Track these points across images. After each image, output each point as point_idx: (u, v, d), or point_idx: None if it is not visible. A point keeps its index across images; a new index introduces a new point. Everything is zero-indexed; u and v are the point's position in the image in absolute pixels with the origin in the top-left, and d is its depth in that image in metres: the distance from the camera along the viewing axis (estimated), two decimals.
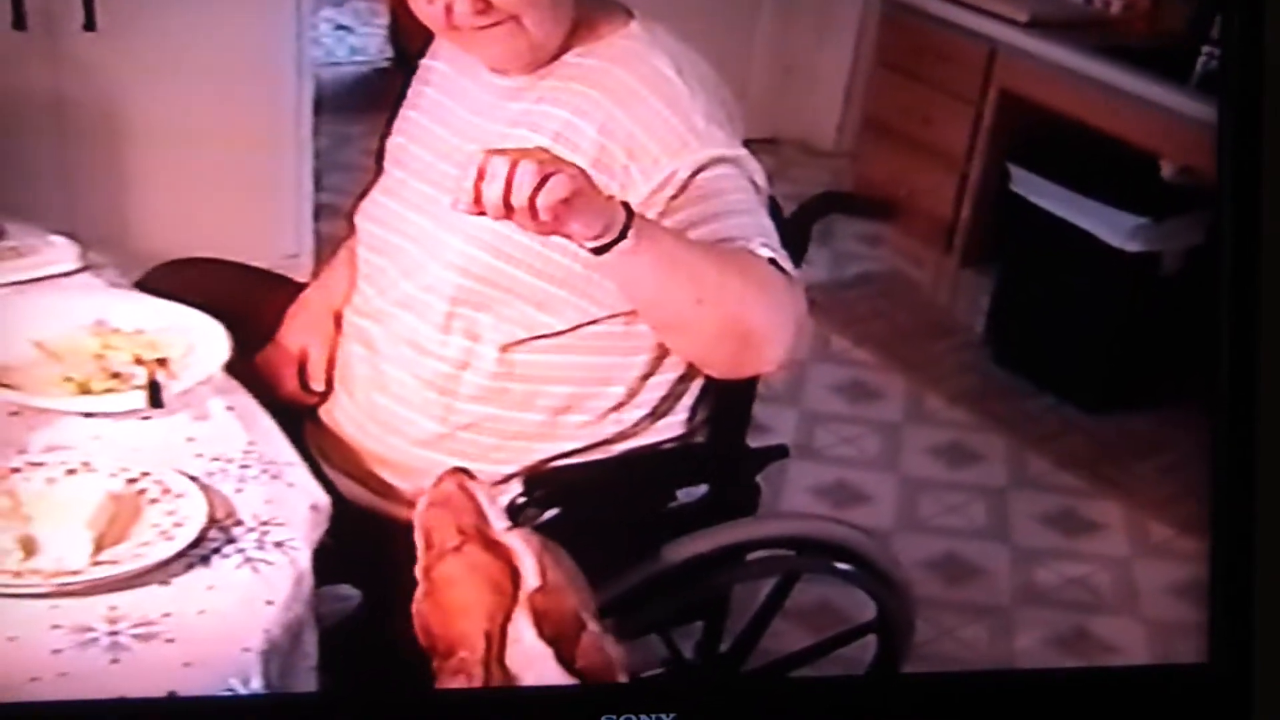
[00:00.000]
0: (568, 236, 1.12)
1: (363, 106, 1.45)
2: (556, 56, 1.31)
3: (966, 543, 2.04)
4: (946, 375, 2.40)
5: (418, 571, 1.09)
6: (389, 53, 2.93)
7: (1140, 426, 2.27)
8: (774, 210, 1.41)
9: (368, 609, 1.34)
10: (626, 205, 1.14)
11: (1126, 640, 1.89)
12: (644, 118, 1.28)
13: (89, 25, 1.95)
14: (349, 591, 1.34)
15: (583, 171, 1.10)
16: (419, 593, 1.08)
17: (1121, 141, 2.29)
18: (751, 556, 1.47)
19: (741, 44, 2.91)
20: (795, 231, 1.43)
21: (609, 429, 1.37)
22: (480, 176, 1.06)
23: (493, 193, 1.05)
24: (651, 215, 1.24)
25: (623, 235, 1.12)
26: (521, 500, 1.33)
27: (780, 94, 2.98)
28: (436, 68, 1.42)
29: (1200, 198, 2.26)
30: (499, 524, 1.08)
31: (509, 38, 1.27)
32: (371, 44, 3.11)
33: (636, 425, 1.38)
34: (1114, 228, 2.27)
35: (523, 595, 1.04)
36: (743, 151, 1.30)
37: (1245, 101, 1.33)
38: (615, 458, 1.38)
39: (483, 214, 1.07)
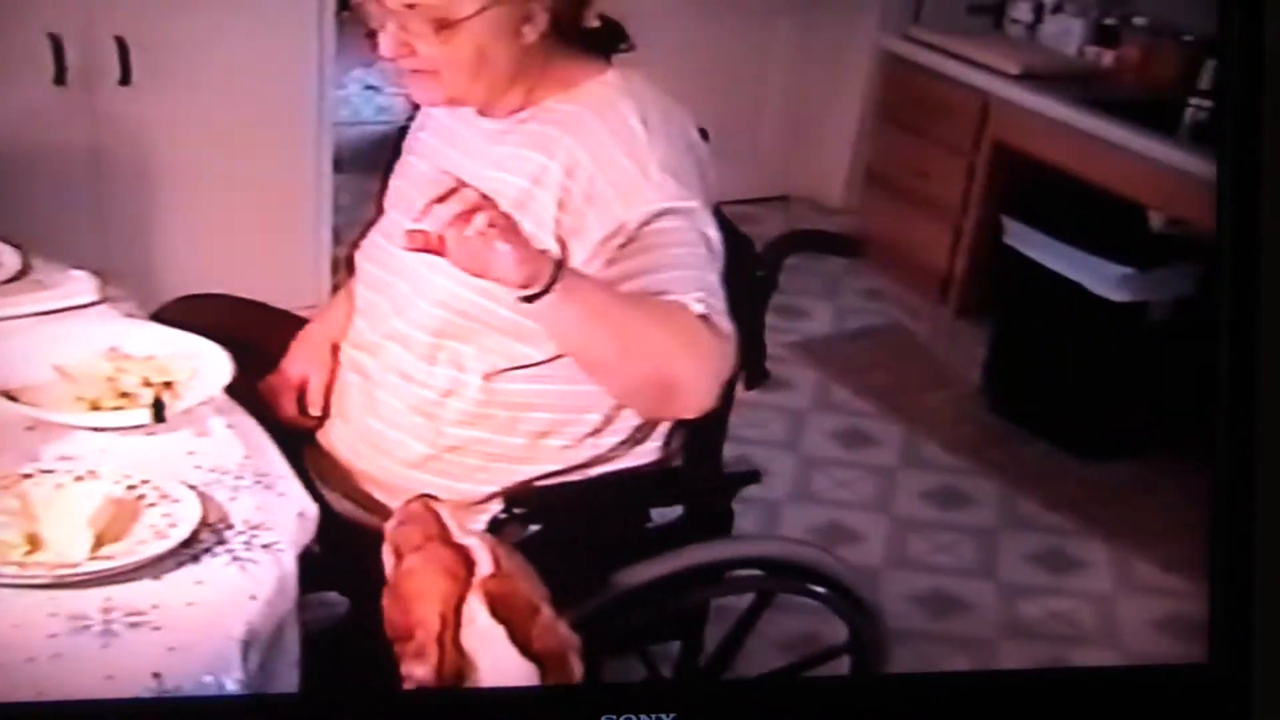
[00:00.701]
0: (497, 281, 1.21)
1: (386, 165, 1.57)
2: (534, 102, 1.40)
3: (953, 579, 2.09)
4: (943, 423, 2.46)
5: (388, 576, 1.17)
6: (412, 113, 3.07)
7: (1130, 471, 2.31)
8: (746, 249, 1.50)
9: (355, 616, 1.41)
10: (558, 261, 1.24)
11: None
12: (604, 163, 1.36)
13: (124, 80, 2.08)
14: (338, 599, 1.42)
15: (514, 223, 1.20)
16: (386, 591, 1.16)
17: (1111, 193, 2.36)
18: (731, 576, 1.54)
19: (753, 103, 3.02)
20: (766, 269, 1.51)
21: (587, 453, 1.45)
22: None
23: (421, 201, 1.17)
24: (599, 262, 1.33)
25: (549, 289, 1.22)
26: (502, 516, 1.41)
27: (791, 152, 3.08)
28: (433, 114, 1.52)
29: (1188, 248, 2.32)
30: (458, 532, 1.17)
31: (430, 85, 1.37)
32: (397, 104, 3.24)
33: (613, 450, 1.46)
34: (1102, 278, 2.34)
35: (476, 581, 1.12)
36: (695, 204, 1.36)
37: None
38: (593, 479, 1.46)
39: (418, 249, 1.18)
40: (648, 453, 1.48)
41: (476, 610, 1.11)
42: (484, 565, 1.14)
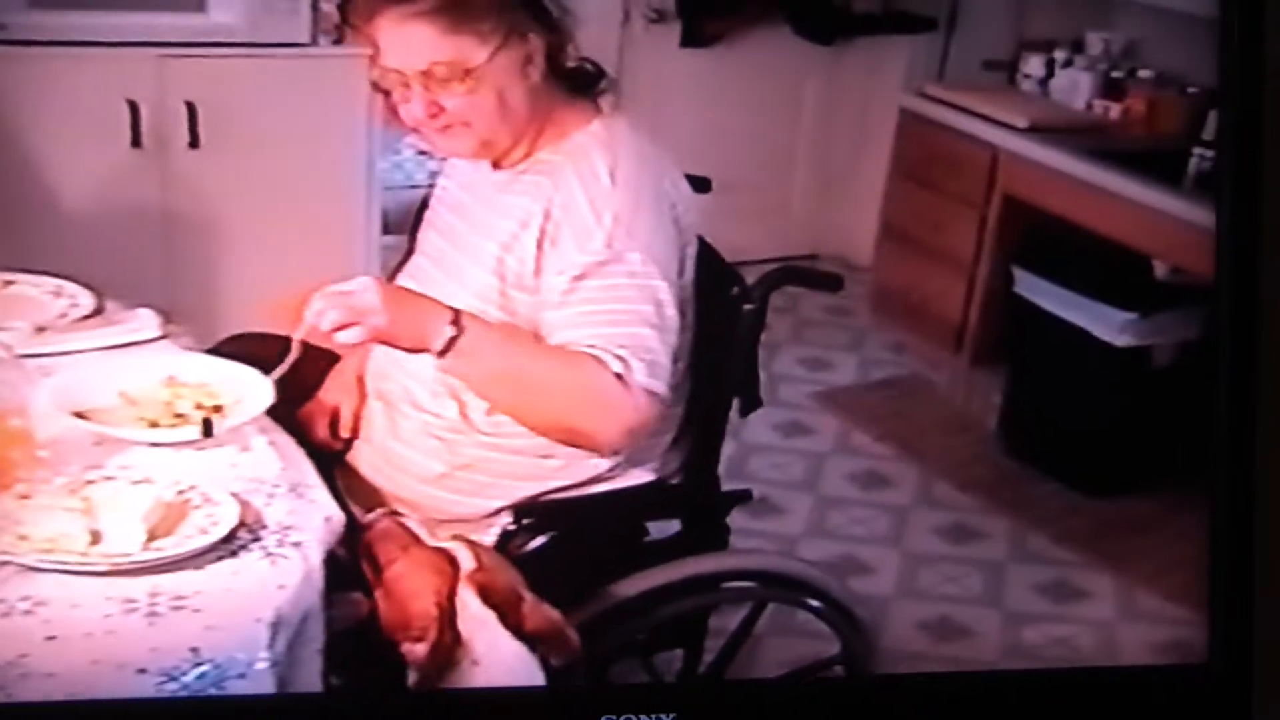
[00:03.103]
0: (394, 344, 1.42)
1: (417, 213, 1.76)
2: (532, 154, 1.55)
3: (961, 607, 2.18)
4: (957, 466, 2.55)
5: (371, 583, 1.31)
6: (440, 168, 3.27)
7: (1137, 507, 2.39)
8: (736, 284, 1.63)
9: (375, 613, 1.55)
10: (458, 324, 1.40)
11: None
12: (569, 209, 1.49)
13: (193, 144, 2.30)
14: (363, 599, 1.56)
15: (391, 318, 1.40)
16: (378, 597, 1.30)
17: (1117, 242, 2.46)
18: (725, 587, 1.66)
19: (782, 164, 3.16)
20: (756, 301, 1.64)
21: (588, 472, 1.58)
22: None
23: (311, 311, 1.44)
24: (554, 302, 1.48)
25: (448, 349, 1.40)
26: (512, 528, 1.56)
27: (820, 212, 3.21)
28: (457, 166, 1.68)
29: (1190, 295, 2.41)
30: (430, 539, 1.32)
31: (460, 137, 1.52)
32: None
33: (612, 470, 1.59)
34: (1106, 324, 2.43)
35: (463, 574, 1.26)
36: (639, 256, 1.46)
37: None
38: (596, 494, 1.59)
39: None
40: (645, 473, 1.62)
41: (468, 599, 1.26)
42: (467, 562, 1.29)
